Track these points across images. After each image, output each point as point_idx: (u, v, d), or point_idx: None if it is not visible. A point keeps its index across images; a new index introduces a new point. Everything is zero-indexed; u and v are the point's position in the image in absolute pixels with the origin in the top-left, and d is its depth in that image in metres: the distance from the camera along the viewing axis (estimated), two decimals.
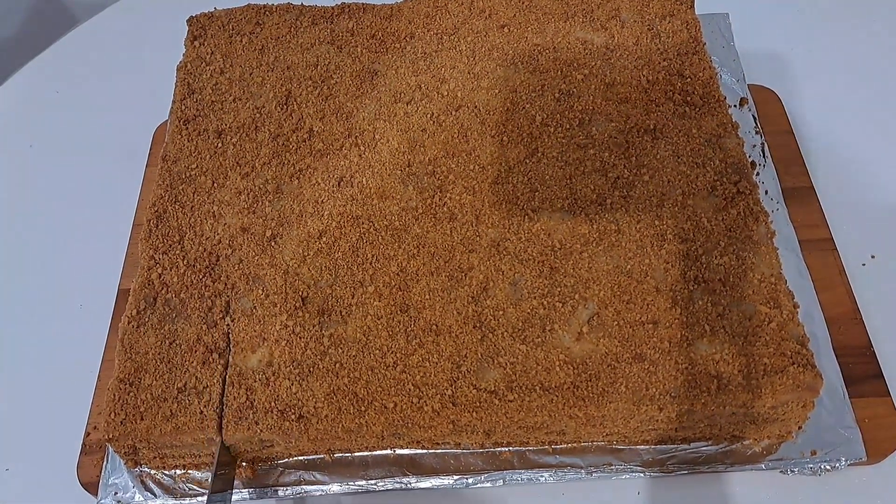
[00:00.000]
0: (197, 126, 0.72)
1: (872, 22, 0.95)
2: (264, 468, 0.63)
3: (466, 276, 0.61)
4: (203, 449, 0.59)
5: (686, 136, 0.67)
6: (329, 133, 0.70)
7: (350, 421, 0.56)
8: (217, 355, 0.59)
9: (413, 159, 0.68)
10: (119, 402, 0.57)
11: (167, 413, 0.56)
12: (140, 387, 0.58)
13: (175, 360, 0.59)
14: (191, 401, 0.57)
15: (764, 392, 0.55)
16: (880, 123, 0.85)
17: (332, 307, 0.60)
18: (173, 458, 0.61)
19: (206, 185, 0.68)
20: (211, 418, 0.57)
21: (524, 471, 0.62)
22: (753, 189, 0.64)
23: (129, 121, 0.91)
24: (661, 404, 0.55)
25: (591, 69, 0.72)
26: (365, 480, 0.62)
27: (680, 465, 0.61)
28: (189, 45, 0.78)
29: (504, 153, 0.68)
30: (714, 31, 0.83)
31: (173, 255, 0.64)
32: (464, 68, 0.74)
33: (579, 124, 0.69)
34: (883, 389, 0.65)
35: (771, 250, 0.61)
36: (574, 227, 0.63)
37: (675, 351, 0.57)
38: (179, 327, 0.60)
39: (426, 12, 0.78)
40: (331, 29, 0.78)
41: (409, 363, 0.58)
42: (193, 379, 0.58)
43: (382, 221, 0.64)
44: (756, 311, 0.58)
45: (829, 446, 0.61)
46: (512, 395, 0.56)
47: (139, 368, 0.58)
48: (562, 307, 0.59)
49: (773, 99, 0.84)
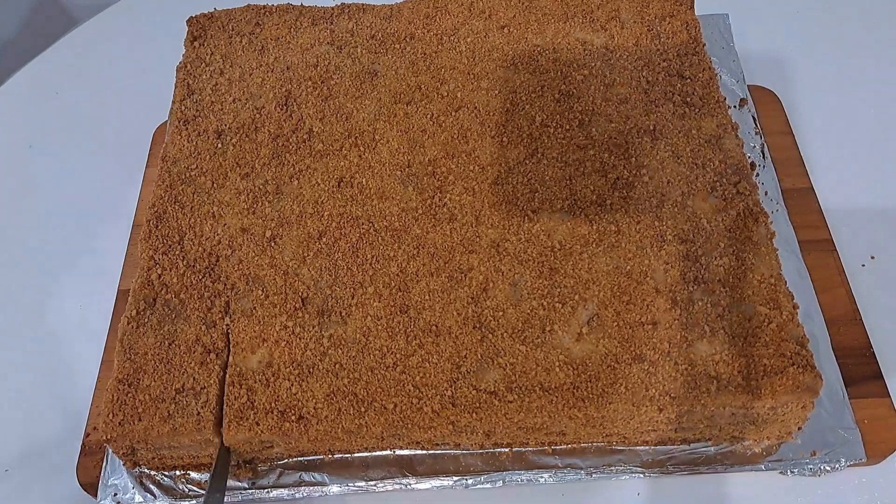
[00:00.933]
0: (196, 127, 0.72)
1: (872, 23, 0.95)
2: (264, 469, 0.63)
3: (466, 277, 0.61)
4: (202, 450, 0.59)
5: (686, 137, 0.68)
6: (329, 134, 0.70)
7: (350, 422, 0.56)
8: (215, 356, 0.59)
9: (413, 160, 0.68)
10: (117, 402, 0.57)
11: (165, 414, 0.56)
12: (138, 387, 0.58)
13: (174, 361, 0.59)
14: (188, 402, 0.57)
15: (764, 393, 0.55)
16: (880, 124, 0.85)
17: (332, 308, 0.60)
18: (172, 458, 0.61)
19: (206, 185, 0.68)
20: (208, 419, 0.56)
21: (524, 472, 0.62)
22: (753, 190, 0.64)
23: (128, 121, 0.91)
24: (660, 405, 0.55)
25: (591, 70, 0.72)
26: (365, 481, 0.62)
27: (680, 465, 0.61)
28: (189, 46, 0.78)
29: (504, 154, 0.68)
30: (714, 31, 0.83)
31: (173, 255, 0.64)
32: (464, 69, 0.74)
33: (579, 125, 0.69)
34: (882, 390, 0.65)
35: (771, 251, 0.61)
36: (574, 227, 0.63)
37: (675, 352, 0.57)
38: (179, 328, 0.60)
39: (426, 13, 0.78)
40: (331, 29, 0.78)
41: (408, 364, 0.58)
42: (191, 380, 0.58)
43: (382, 222, 0.64)
44: (756, 311, 0.58)
45: (829, 447, 0.61)
46: (512, 396, 0.56)
47: (138, 369, 0.58)
48: (561, 308, 0.59)
49: (772, 100, 0.84)
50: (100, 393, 0.68)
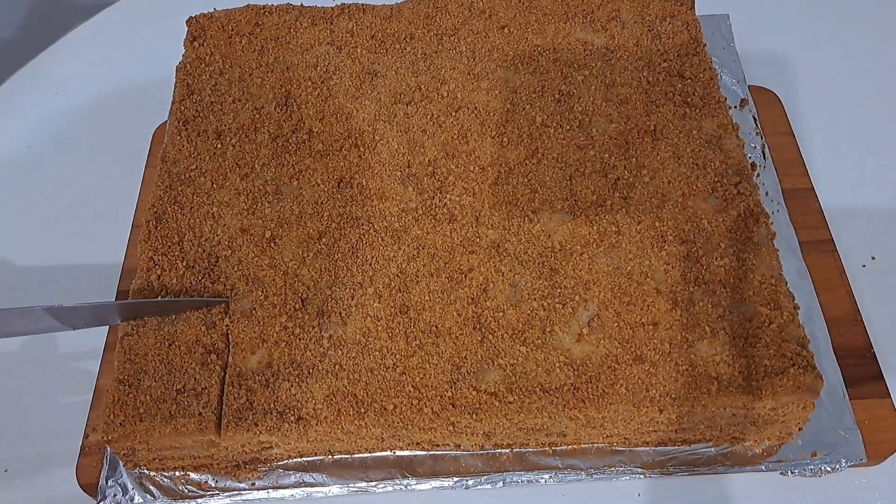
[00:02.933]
0: (196, 127, 0.71)
1: (873, 23, 0.95)
2: (264, 470, 0.62)
3: (466, 278, 0.61)
4: (202, 450, 0.59)
5: (686, 138, 0.67)
6: (329, 134, 0.70)
7: (349, 422, 0.56)
8: (216, 356, 0.59)
9: (413, 160, 0.68)
10: (118, 403, 0.57)
11: (166, 415, 0.56)
12: (139, 388, 0.57)
13: (174, 362, 0.59)
14: (189, 402, 0.57)
15: (764, 393, 0.55)
16: (880, 125, 0.85)
17: (332, 308, 0.60)
18: (172, 459, 0.61)
19: (206, 186, 0.68)
20: (209, 420, 0.56)
21: (524, 472, 0.62)
22: (754, 190, 0.64)
23: (128, 122, 0.91)
24: (661, 406, 0.55)
25: (592, 70, 0.72)
26: (364, 482, 0.62)
27: (680, 466, 0.61)
28: (188, 46, 0.78)
29: (504, 154, 0.67)
30: (714, 32, 0.83)
31: (172, 256, 0.64)
32: (464, 69, 0.73)
33: (579, 125, 0.69)
34: (883, 391, 0.65)
35: (771, 252, 0.61)
36: (574, 228, 0.63)
37: (676, 352, 0.57)
38: (178, 329, 0.60)
39: (426, 13, 0.78)
40: (330, 30, 0.78)
41: (408, 365, 0.57)
42: (192, 380, 0.58)
43: (382, 223, 0.64)
44: (756, 312, 0.58)
45: (830, 448, 0.61)
46: (512, 397, 0.56)
47: (139, 370, 0.58)
48: (562, 308, 0.59)
49: (773, 100, 0.84)
50: (99, 394, 0.68)
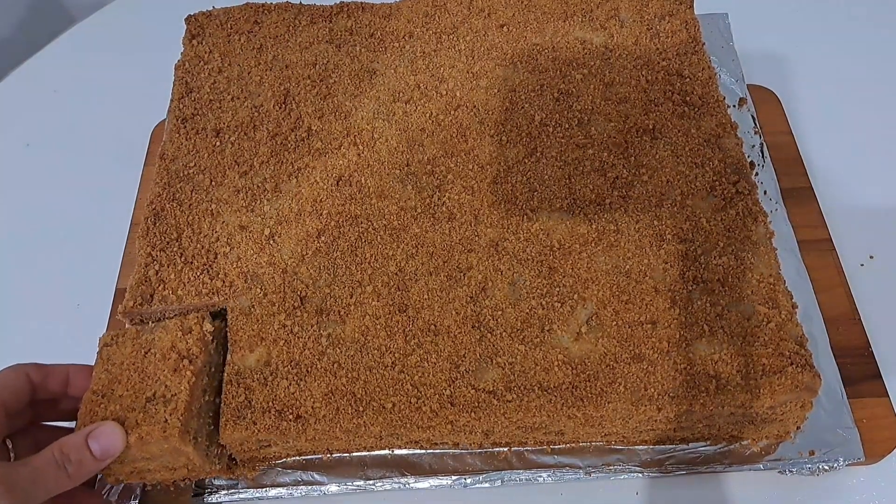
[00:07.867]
0: (195, 125, 0.71)
1: (873, 22, 0.95)
2: (262, 468, 0.62)
3: (465, 276, 0.61)
4: (174, 460, 0.57)
5: (685, 136, 0.67)
6: (327, 132, 0.70)
7: (348, 421, 0.56)
8: (188, 361, 0.56)
9: (412, 159, 0.68)
10: (89, 414, 0.54)
11: (132, 423, 0.54)
12: (111, 398, 0.55)
13: (147, 370, 0.56)
14: (157, 409, 0.54)
15: (762, 392, 0.55)
16: (880, 124, 0.85)
17: (331, 307, 0.60)
18: (150, 472, 0.59)
19: (205, 183, 0.68)
20: (174, 426, 0.53)
21: (523, 471, 0.62)
22: (752, 189, 0.64)
23: (126, 119, 0.91)
24: (659, 404, 0.55)
25: (591, 69, 0.72)
26: (363, 481, 0.62)
27: (678, 465, 0.61)
28: (187, 44, 0.78)
29: (503, 153, 0.67)
30: (713, 31, 0.83)
31: (171, 252, 0.63)
32: (463, 68, 0.73)
33: (578, 124, 0.69)
34: (881, 390, 0.65)
35: (770, 251, 0.61)
36: (573, 227, 0.63)
37: (674, 351, 0.57)
38: (157, 336, 0.58)
39: (425, 11, 0.78)
40: (329, 28, 0.78)
41: (407, 363, 0.57)
42: (163, 387, 0.55)
43: (381, 221, 0.64)
44: (755, 311, 0.58)
45: (828, 447, 0.61)
46: (510, 396, 0.56)
47: (113, 379, 0.56)
48: (560, 307, 0.59)
49: (772, 99, 0.84)
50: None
